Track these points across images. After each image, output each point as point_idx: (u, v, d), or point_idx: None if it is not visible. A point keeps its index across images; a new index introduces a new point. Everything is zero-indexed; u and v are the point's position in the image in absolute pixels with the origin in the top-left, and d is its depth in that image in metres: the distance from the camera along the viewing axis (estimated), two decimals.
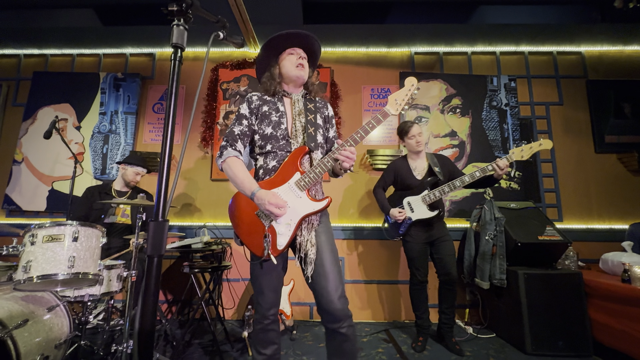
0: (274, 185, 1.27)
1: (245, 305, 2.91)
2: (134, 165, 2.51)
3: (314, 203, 1.28)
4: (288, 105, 1.41)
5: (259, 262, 1.28)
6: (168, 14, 0.75)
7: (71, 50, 3.42)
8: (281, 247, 1.25)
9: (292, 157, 1.31)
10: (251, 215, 1.27)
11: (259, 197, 1.20)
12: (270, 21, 2.91)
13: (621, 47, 3.33)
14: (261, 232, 1.25)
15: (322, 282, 1.25)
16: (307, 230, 1.30)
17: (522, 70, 3.36)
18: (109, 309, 1.98)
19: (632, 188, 3.09)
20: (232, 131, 1.34)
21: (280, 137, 1.34)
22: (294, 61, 1.38)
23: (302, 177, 1.27)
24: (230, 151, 1.30)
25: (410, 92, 1.31)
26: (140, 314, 0.61)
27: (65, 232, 1.54)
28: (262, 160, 1.36)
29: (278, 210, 1.18)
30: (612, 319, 2.04)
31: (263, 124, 1.36)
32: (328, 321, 1.25)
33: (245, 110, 1.38)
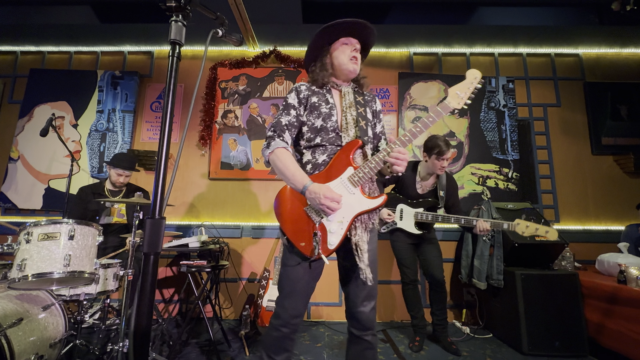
0: (325, 180, 1.19)
1: (242, 304, 2.90)
2: (116, 167, 2.43)
3: (369, 200, 1.19)
4: (337, 98, 1.33)
5: (308, 262, 1.20)
6: (166, 10, 0.74)
7: (68, 47, 3.39)
8: (332, 246, 1.16)
9: (345, 151, 1.22)
10: (299, 212, 1.19)
11: (312, 191, 1.12)
12: (270, 20, 2.90)
13: (618, 50, 3.35)
14: (310, 230, 1.17)
15: (358, 290, 1.22)
16: (362, 230, 1.22)
17: (520, 72, 3.37)
18: (105, 308, 1.96)
19: (628, 190, 3.12)
20: (279, 121, 1.25)
21: (330, 130, 1.26)
22: (348, 53, 1.29)
23: (355, 172, 1.19)
24: (279, 142, 1.21)
25: (473, 85, 1.23)
26: (136, 312, 0.61)
27: (61, 230, 1.53)
28: (310, 155, 1.28)
29: (335, 205, 1.11)
30: (608, 320, 2.05)
31: (312, 115, 1.28)
32: (355, 327, 1.23)
33: (293, 100, 1.29)
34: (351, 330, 1.25)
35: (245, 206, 3.12)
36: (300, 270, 1.21)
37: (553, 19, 2.98)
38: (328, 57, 1.32)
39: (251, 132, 3.22)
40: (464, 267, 2.67)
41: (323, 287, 2.96)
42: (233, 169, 3.16)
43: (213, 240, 2.64)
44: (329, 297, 2.96)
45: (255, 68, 3.33)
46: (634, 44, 3.26)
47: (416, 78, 3.29)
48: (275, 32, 3.12)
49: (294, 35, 3.17)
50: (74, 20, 2.97)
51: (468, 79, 1.24)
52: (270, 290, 2.55)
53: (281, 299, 1.23)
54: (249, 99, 3.28)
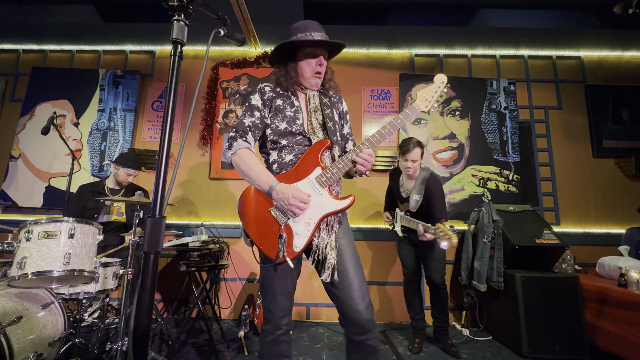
0: (291, 180, 1.16)
1: (241, 304, 2.90)
2: (126, 167, 2.46)
3: (337, 201, 1.17)
4: (303, 101, 1.31)
5: (273, 265, 1.16)
6: (169, 9, 0.74)
7: (70, 46, 3.40)
8: (298, 248, 1.14)
9: (313, 151, 1.20)
10: (264, 213, 1.15)
11: (279, 191, 1.09)
12: (272, 21, 2.91)
13: (620, 53, 3.35)
14: (275, 231, 1.13)
15: (346, 290, 1.13)
16: (326, 232, 1.18)
17: (522, 74, 3.37)
18: (105, 307, 1.96)
19: (629, 193, 3.11)
20: (242, 122, 1.23)
21: (296, 133, 1.24)
22: (313, 67, 1.27)
23: (323, 172, 1.17)
24: (241, 142, 1.19)
25: (440, 89, 1.25)
26: (136, 310, 0.60)
27: (62, 228, 1.53)
28: (276, 155, 1.25)
29: (303, 205, 1.08)
30: (609, 323, 2.05)
31: (277, 118, 1.25)
32: (354, 333, 1.13)
33: (257, 102, 1.26)
34: (350, 337, 1.15)
35: None
36: (272, 272, 1.18)
37: (555, 21, 2.98)
38: (292, 66, 1.30)
39: None
40: (464, 269, 2.67)
41: (321, 287, 2.95)
42: (234, 169, 3.14)
43: (213, 240, 2.63)
44: (328, 298, 2.94)
45: (256, 68, 3.33)
46: (636, 47, 3.26)
47: (417, 79, 3.29)
48: (277, 33, 3.13)
49: None
50: (77, 19, 2.98)
51: (435, 84, 1.26)
52: None
53: (266, 302, 1.20)
54: None
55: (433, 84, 1.26)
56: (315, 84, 1.31)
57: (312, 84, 1.31)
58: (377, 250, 3.04)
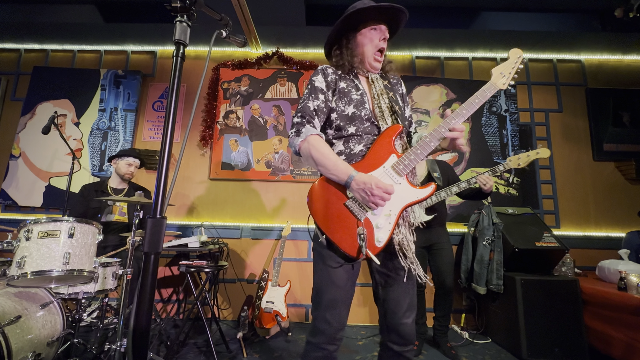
0: (365, 170, 1.06)
1: (240, 305, 2.89)
2: (124, 156, 2.48)
3: (418, 190, 1.06)
4: (365, 84, 1.22)
5: (352, 263, 1.06)
6: (172, 10, 0.74)
7: (72, 46, 3.41)
8: (381, 243, 1.03)
9: (385, 137, 1.10)
10: (338, 207, 1.05)
11: (360, 182, 0.99)
12: (273, 22, 2.91)
13: (620, 56, 3.36)
14: (353, 226, 1.03)
15: (399, 298, 1.07)
16: (405, 226, 1.09)
17: (522, 77, 3.37)
18: (104, 307, 1.96)
19: (629, 196, 3.11)
20: (306, 106, 1.12)
21: (365, 119, 1.14)
22: (376, 44, 1.18)
23: (399, 159, 1.07)
24: (310, 128, 1.08)
25: (516, 64, 1.15)
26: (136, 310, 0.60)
27: (61, 228, 1.53)
28: (342, 145, 1.14)
29: (387, 197, 0.98)
30: (608, 327, 2.04)
31: (342, 102, 1.15)
32: (395, 343, 1.08)
33: (321, 83, 1.15)
34: (390, 346, 1.09)
35: (245, 207, 3.12)
36: (342, 274, 1.06)
37: (556, 24, 2.98)
38: (354, 42, 1.20)
39: (252, 133, 3.23)
40: (464, 272, 2.66)
41: None
42: (234, 170, 3.16)
43: (212, 241, 2.63)
44: None
45: (257, 69, 3.34)
46: (637, 50, 3.26)
47: (418, 81, 3.30)
48: (278, 34, 3.13)
49: (297, 37, 3.18)
50: (79, 19, 2.99)
51: (511, 59, 1.15)
52: (269, 292, 2.54)
53: (322, 311, 1.06)
54: (250, 100, 3.29)
55: (509, 60, 1.16)
56: (375, 67, 1.22)
57: (373, 67, 1.21)
58: None
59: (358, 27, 1.19)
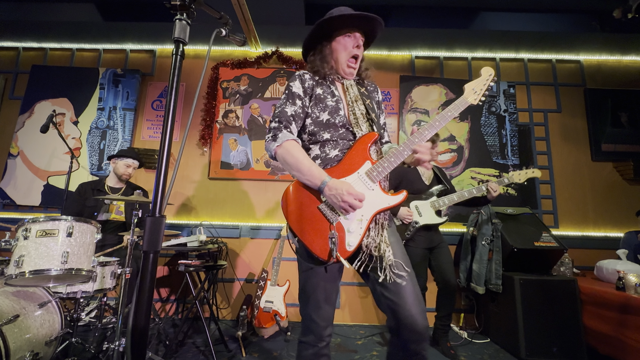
0: (339, 175, 1.09)
1: (239, 305, 2.89)
2: (123, 157, 2.48)
3: (389, 197, 1.10)
4: (341, 91, 1.24)
5: (320, 267, 1.08)
6: (171, 8, 0.74)
7: (71, 44, 3.40)
8: (351, 247, 1.05)
9: (361, 144, 1.13)
10: (312, 210, 1.07)
11: (332, 187, 1.01)
12: (272, 21, 2.91)
13: (619, 57, 3.37)
14: (325, 229, 1.05)
15: (401, 292, 1.04)
16: (376, 231, 1.11)
17: (522, 77, 3.38)
18: (102, 306, 1.96)
19: (627, 197, 3.12)
20: (284, 111, 1.14)
21: (339, 125, 1.16)
22: (350, 51, 1.20)
23: (373, 166, 1.10)
24: (287, 133, 1.10)
25: (487, 81, 1.21)
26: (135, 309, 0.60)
27: (60, 227, 1.52)
28: (318, 149, 1.17)
29: (357, 204, 1.00)
30: (607, 326, 2.05)
31: (317, 108, 1.17)
32: (411, 340, 1.03)
33: (298, 89, 1.18)
34: (406, 346, 1.04)
35: (244, 206, 3.11)
36: (321, 274, 1.09)
37: (555, 25, 2.99)
38: (328, 49, 1.23)
39: (252, 132, 3.22)
40: (463, 271, 2.67)
41: None
42: (233, 169, 3.15)
43: (211, 240, 2.63)
44: None
45: (257, 68, 3.33)
46: (635, 51, 3.27)
47: (417, 81, 3.30)
48: (278, 33, 3.13)
49: (297, 37, 3.18)
50: (78, 18, 2.98)
51: (483, 76, 1.22)
52: (268, 291, 2.54)
53: (307, 311, 1.10)
54: (250, 99, 3.28)
55: (481, 77, 1.22)
56: (350, 72, 1.23)
57: (347, 72, 1.23)
58: None
59: (332, 34, 1.22)
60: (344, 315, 2.93)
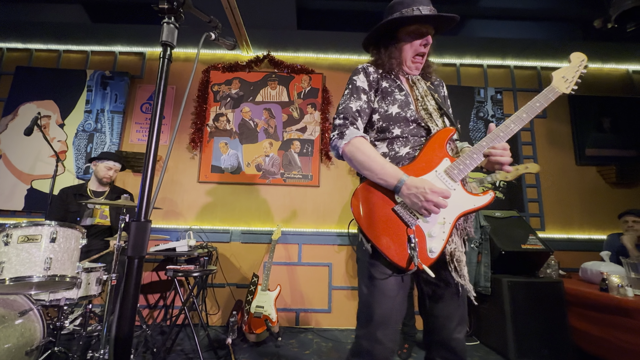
0: (416, 174, 0.97)
1: (229, 310, 2.85)
2: (104, 160, 2.43)
3: (474, 197, 0.97)
4: (406, 85, 1.16)
5: (402, 275, 0.96)
6: (159, 12, 0.73)
7: (57, 45, 3.33)
8: (434, 254, 0.94)
9: (438, 140, 1.02)
10: (386, 212, 0.96)
11: (412, 186, 0.91)
12: (264, 25, 2.92)
13: (601, 65, 3.48)
14: (402, 234, 0.94)
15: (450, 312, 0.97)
16: (458, 235, 1.01)
17: (508, 83, 3.46)
18: (87, 314, 1.90)
19: (610, 200, 3.21)
20: (348, 107, 1.05)
21: (410, 120, 1.06)
22: (417, 48, 1.13)
23: (453, 164, 0.99)
24: (354, 130, 1.02)
25: (580, 67, 1.08)
26: (118, 317, 0.59)
27: (43, 232, 1.48)
28: (386, 147, 1.07)
29: (443, 202, 0.89)
30: (592, 327, 2.09)
31: (385, 102, 1.09)
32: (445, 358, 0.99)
33: (363, 83, 1.10)
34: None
35: (235, 210, 3.09)
36: (392, 285, 0.96)
37: (540, 33, 3.08)
38: (395, 44, 1.14)
39: (243, 135, 3.21)
40: None
41: (311, 292, 2.94)
42: (224, 173, 3.13)
43: (201, 245, 2.59)
44: (319, 304, 2.93)
45: (248, 72, 3.33)
46: (615, 59, 3.39)
47: None
48: (270, 37, 3.14)
49: (288, 41, 3.19)
50: (65, 19, 2.93)
51: (574, 62, 1.09)
52: (258, 296, 2.51)
53: (372, 328, 0.95)
54: (241, 102, 3.27)
55: (571, 63, 1.09)
56: (416, 68, 1.16)
57: (413, 68, 1.16)
58: None
59: (399, 29, 1.14)
60: (334, 320, 2.92)
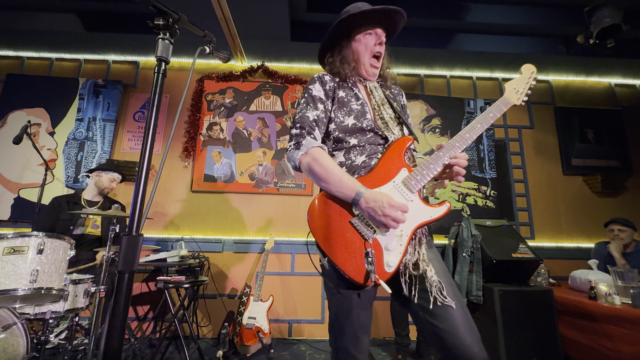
0: (372, 185, 0.95)
1: (221, 322, 2.80)
2: (109, 171, 2.42)
3: (431, 208, 0.96)
4: (364, 94, 1.13)
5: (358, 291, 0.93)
6: (154, 28, 0.75)
7: (50, 54, 3.32)
8: (391, 268, 0.91)
9: (396, 150, 1.00)
10: (342, 225, 0.93)
11: (370, 199, 0.88)
12: (258, 36, 2.96)
13: (584, 78, 3.61)
14: (359, 248, 0.91)
15: (450, 320, 0.89)
16: (413, 247, 0.97)
17: (497, 95, 3.55)
18: (73, 327, 1.85)
19: (596, 208, 3.29)
20: (305, 116, 1.03)
21: (366, 130, 1.04)
22: (371, 48, 1.11)
23: (411, 174, 0.97)
24: (311, 140, 0.99)
25: (530, 79, 1.10)
26: (107, 333, 0.58)
27: (30, 243, 1.45)
28: (343, 156, 1.04)
29: (402, 217, 0.87)
30: (581, 335, 2.12)
31: (341, 112, 1.07)
32: None
33: (319, 92, 1.07)
34: None
35: (227, 219, 3.06)
36: (355, 299, 0.95)
37: (526, 47, 3.19)
38: (348, 49, 1.13)
39: (236, 145, 3.21)
40: None
41: (305, 303, 2.91)
42: (216, 182, 3.11)
43: (193, 255, 2.56)
44: (311, 314, 2.90)
45: (242, 82, 3.35)
46: (597, 73, 3.53)
47: None
48: (264, 48, 3.18)
49: (282, 52, 3.24)
50: (58, 27, 2.92)
51: (524, 74, 1.11)
52: (250, 307, 2.48)
53: (343, 344, 0.96)
54: (235, 112, 3.29)
55: (522, 75, 1.11)
56: (372, 73, 1.14)
57: (370, 74, 1.14)
58: None
59: (352, 33, 1.13)
60: (327, 330, 2.89)
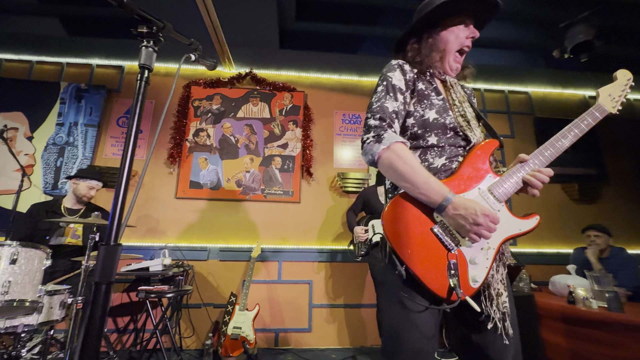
0: (457, 190, 0.85)
1: (205, 333, 2.73)
2: (87, 179, 2.33)
3: (520, 221, 0.89)
4: (442, 88, 1.01)
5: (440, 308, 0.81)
6: (138, 35, 0.74)
7: (30, 56, 3.22)
8: (477, 283, 0.82)
9: (481, 152, 0.90)
10: (422, 232, 0.83)
11: (460, 206, 0.79)
12: (247, 44, 2.97)
13: (561, 90, 3.79)
14: (439, 259, 0.81)
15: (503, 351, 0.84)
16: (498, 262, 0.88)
17: (479, 105, 3.67)
18: (47, 341, 1.76)
19: (574, 215, 3.41)
20: (384, 107, 0.90)
21: (448, 128, 0.92)
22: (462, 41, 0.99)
23: (498, 181, 0.88)
24: (393, 134, 0.86)
25: (626, 86, 1.00)
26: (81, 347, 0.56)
27: (2, 253, 1.39)
28: (419, 157, 0.92)
29: (493, 227, 0.79)
30: (562, 339, 2.17)
31: (421, 105, 0.94)
32: None
33: (399, 81, 0.95)
34: None
35: (213, 227, 3.01)
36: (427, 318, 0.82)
37: (507, 60, 3.32)
38: (436, 37, 1.00)
39: (223, 151, 3.18)
40: None
41: (291, 311, 2.88)
42: (202, 189, 3.07)
43: (177, 263, 2.50)
44: (298, 323, 2.87)
45: (230, 88, 3.35)
46: (573, 86, 3.70)
47: None
48: (252, 55, 3.19)
49: (270, 59, 3.25)
50: (39, 31, 2.85)
51: (620, 80, 1.01)
52: (236, 317, 2.43)
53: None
54: (222, 118, 3.27)
55: (617, 81, 1.01)
56: (455, 68, 1.02)
57: (453, 68, 1.02)
58: (350, 272, 3.04)
59: (444, 20, 1.00)
60: (314, 339, 2.86)
